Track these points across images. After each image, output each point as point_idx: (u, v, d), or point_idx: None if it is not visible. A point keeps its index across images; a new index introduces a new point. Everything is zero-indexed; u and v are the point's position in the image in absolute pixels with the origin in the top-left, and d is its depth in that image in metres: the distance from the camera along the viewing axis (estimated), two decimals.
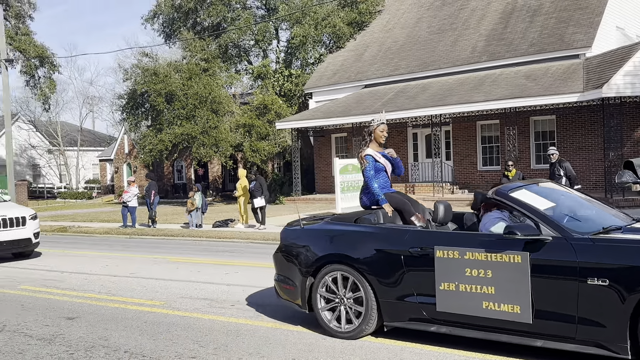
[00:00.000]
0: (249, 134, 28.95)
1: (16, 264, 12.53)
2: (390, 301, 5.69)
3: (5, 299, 8.89)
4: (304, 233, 6.45)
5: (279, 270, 6.71)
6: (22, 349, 6.15)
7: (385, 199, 6.69)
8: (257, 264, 11.46)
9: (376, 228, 6.02)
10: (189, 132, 28.42)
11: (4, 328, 7.02)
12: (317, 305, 6.17)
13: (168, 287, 9.33)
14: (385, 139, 6.99)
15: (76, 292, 9.17)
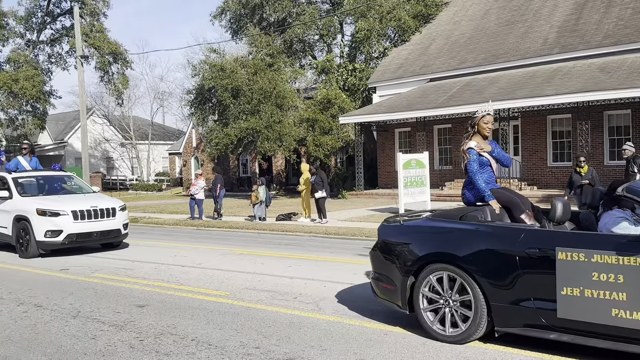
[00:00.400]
0: (312, 128, 29.09)
1: (90, 252, 13.13)
2: (502, 305, 5.30)
3: (80, 286, 9.35)
4: (404, 230, 6.13)
5: (377, 269, 6.37)
6: (95, 334, 6.45)
7: (492, 195, 6.32)
8: (319, 257, 11.53)
9: (486, 226, 5.62)
10: (254, 127, 28.85)
11: (78, 314, 7.39)
12: (419, 306, 5.85)
13: (233, 278, 9.54)
14: (490, 132, 6.56)
15: (146, 281, 9.51)
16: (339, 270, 10.01)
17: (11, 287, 9.41)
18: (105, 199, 13.51)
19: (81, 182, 14.84)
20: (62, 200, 12.92)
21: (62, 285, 9.39)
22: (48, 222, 12.30)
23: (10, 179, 13.55)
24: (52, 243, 12.32)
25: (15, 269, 11.29)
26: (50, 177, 14.36)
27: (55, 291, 8.93)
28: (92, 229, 12.59)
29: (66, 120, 56.21)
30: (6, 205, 13.10)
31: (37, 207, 12.42)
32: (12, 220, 12.77)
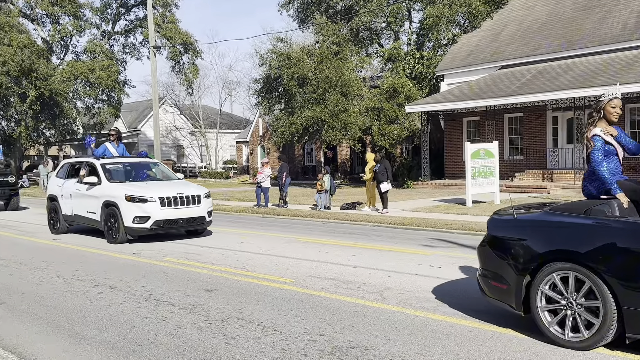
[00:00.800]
0: (377, 117, 28.90)
1: (162, 239, 13.59)
2: (637, 310, 4.81)
3: (153, 269, 9.69)
4: (519, 224, 5.63)
5: (486, 265, 5.87)
6: (166, 316, 6.68)
7: (618, 187, 5.78)
8: (384, 247, 11.48)
9: (618, 222, 5.07)
10: (319, 116, 28.94)
11: (150, 296, 7.67)
12: (536, 304, 5.40)
13: (297, 265, 9.64)
14: (618, 117, 6.00)
15: (214, 266, 9.74)
16: (403, 260, 9.93)
17: (88, 269, 9.87)
18: (191, 186, 13.43)
19: (166, 169, 14.82)
20: (149, 186, 12.99)
21: (135, 268, 9.76)
22: (136, 208, 12.35)
23: (98, 165, 13.69)
24: (139, 229, 12.40)
25: (91, 252, 11.83)
26: (137, 164, 14.44)
27: (128, 274, 9.29)
28: (178, 215, 12.57)
29: (139, 109, 58.24)
30: (95, 191, 13.30)
31: (125, 193, 12.50)
32: (101, 206, 12.94)
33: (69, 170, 14.92)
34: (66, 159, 14.65)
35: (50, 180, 15.48)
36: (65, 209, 14.33)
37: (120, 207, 12.48)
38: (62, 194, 14.50)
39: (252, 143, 46.60)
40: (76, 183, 14.02)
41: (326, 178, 19.38)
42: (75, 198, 13.96)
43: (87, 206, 13.53)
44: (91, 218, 13.41)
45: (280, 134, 30.88)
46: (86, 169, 13.93)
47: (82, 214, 13.72)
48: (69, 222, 14.44)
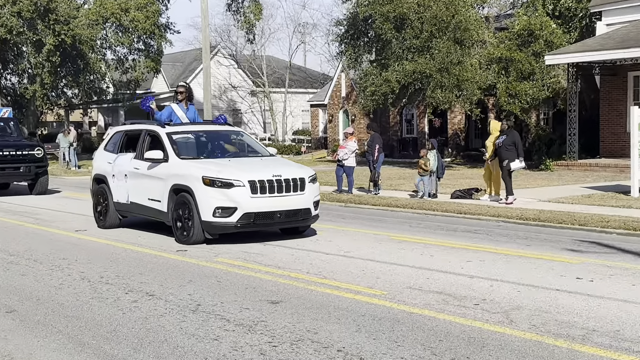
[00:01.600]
0: (505, 71, 28.31)
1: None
2: None
3: (201, 272, 9.97)
4: None
5: None
6: (219, 335, 6.86)
7: None
8: (511, 251, 11.32)
9: None
10: (423, 70, 28.66)
11: (198, 308, 7.90)
12: None
13: (391, 272, 9.64)
14: None
15: (281, 271, 9.92)
16: (539, 270, 9.76)
17: (119, 269, 10.28)
18: (290, 165, 13.25)
19: (253, 141, 14.64)
20: (235, 165, 12.59)
21: (179, 271, 10.07)
22: (218, 195, 11.91)
23: (164, 135, 13.35)
24: (223, 225, 11.99)
25: (124, 247, 12.32)
26: (214, 134, 14.15)
27: (171, 277, 9.60)
28: (275, 207, 12.14)
29: (185, 62, 59.75)
30: (159, 170, 12.97)
31: (203, 175, 12.06)
32: (169, 192, 12.61)
33: (123, 141, 14.70)
34: (117, 126, 14.54)
35: (97, 155, 15.44)
36: (118, 195, 14.18)
37: (196, 193, 12.05)
38: (113, 174, 14.32)
39: (332, 107, 46.82)
40: (133, 160, 13.80)
41: (431, 155, 19.21)
42: (131, 180, 13.77)
43: (148, 191, 13.31)
44: (154, 208, 13.17)
45: (369, 94, 30.82)
46: (146, 140, 13.70)
47: (142, 201, 13.53)
48: (123, 212, 14.34)
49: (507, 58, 28.14)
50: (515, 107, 27.87)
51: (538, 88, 27.98)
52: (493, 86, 29.22)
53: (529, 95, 27.76)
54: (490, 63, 29.19)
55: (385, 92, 29.92)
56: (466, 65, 28.65)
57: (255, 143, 14.68)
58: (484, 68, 29.43)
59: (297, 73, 61.45)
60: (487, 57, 29.30)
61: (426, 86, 29.54)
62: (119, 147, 14.69)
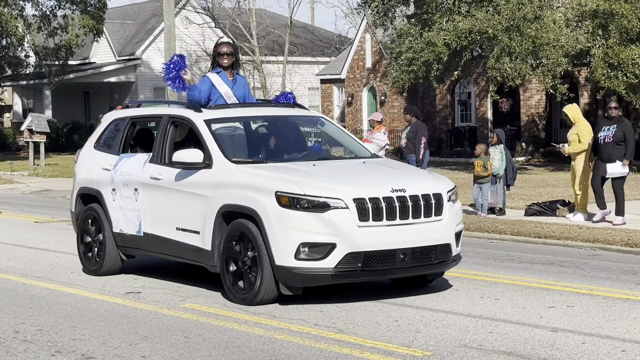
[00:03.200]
0: (602, 31, 28.25)
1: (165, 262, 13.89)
2: None
3: (162, 324, 9.96)
4: None
5: None
6: None
7: None
8: (612, 292, 11.36)
9: None
10: (484, 29, 28.66)
11: None
12: None
13: (437, 323, 9.66)
14: None
15: (276, 321, 9.96)
16: None
17: (42, 321, 10.21)
18: (415, 173, 12.33)
19: (341, 133, 13.55)
20: (325, 173, 11.48)
21: (129, 322, 10.03)
22: (305, 223, 10.59)
23: (202, 125, 12.07)
24: (312, 273, 10.62)
25: (49, 287, 12.27)
26: (280, 121, 13.13)
27: (117, 332, 9.55)
28: (397, 242, 10.84)
29: (139, 19, 59.84)
30: (197, 181, 11.73)
31: (278, 189, 10.71)
32: (215, 217, 11.28)
33: (127, 133, 13.46)
34: (116, 111, 13.87)
35: (82, 157, 14.20)
36: (122, 222, 12.86)
37: (265, 219, 10.67)
38: (113, 188, 13.01)
39: (352, 83, 46.79)
40: (149, 164, 12.49)
41: (496, 152, 19.14)
42: (146, 196, 12.46)
43: (176, 216, 12.04)
44: (187, 244, 11.82)
45: (405, 64, 30.87)
46: (170, 131, 12.51)
47: (165, 233, 12.19)
48: (130, 249, 13.06)
49: (607, 11, 28.08)
50: (619, 83, 27.78)
51: None
52: (586, 52, 29.14)
53: (638, 66, 27.63)
54: (582, 19, 29.12)
55: (428, 60, 29.93)
56: (547, 23, 28.59)
57: (345, 136, 13.52)
58: (572, 26, 29.36)
59: (301, 34, 61.37)
60: (578, 10, 29.22)
61: (488, 52, 29.51)
62: (122, 143, 13.42)
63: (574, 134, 18.13)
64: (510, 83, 30.67)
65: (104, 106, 55.61)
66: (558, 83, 29.69)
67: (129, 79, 55.82)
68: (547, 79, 29.62)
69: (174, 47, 28.06)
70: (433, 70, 30.74)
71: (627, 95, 28.62)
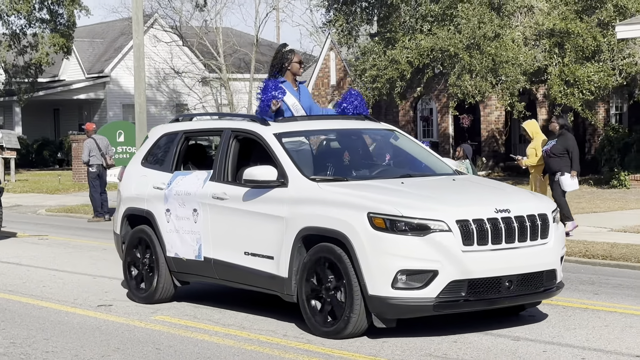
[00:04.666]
0: (559, 49, 28.43)
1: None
2: None
3: (133, 337, 9.90)
4: None
5: None
6: None
7: None
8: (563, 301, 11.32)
9: None
10: (445, 47, 28.74)
11: None
12: None
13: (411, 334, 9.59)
14: None
15: (246, 332, 9.88)
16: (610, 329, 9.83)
17: (15, 333, 10.13)
18: (512, 191, 11.25)
19: (418, 148, 12.42)
20: (419, 192, 10.40)
21: (101, 334, 9.99)
22: (403, 247, 9.53)
23: (272, 139, 10.97)
24: (411, 303, 9.52)
25: (21, 300, 12.17)
26: (352, 135, 12.01)
27: (90, 344, 9.50)
28: (502, 268, 9.81)
29: (108, 38, 59.53)
30: (270, 201, 10.65)
31: (371, 210, 9.65)
32: (293, 241, 10.22)
33: (181, 149, 12.32)
34: (165, 126, 13.06)
35: (128, 174, 13.03)
36: (178, 245, 11.70)
37: (356, 243, 9.58)
38: (167, 208, 11.85)
39: (317, 99, 46.77)
40: (210, 182, 11.44)
41: (462, 167, 19.18)
42: (208, 218, 11.36)
43: (244, 239, 10.95)
44: (258, 270, 10.69)
45: (369, 81, 30.85)
46: (233, 146, 11.47)
47: (231, 258, 11.08)
48: (187, 275, 11.91)
49: (563, 30, 28.26)
50: (575, 99, 27.91)
51: (606, 72, 28.04)
52: (544, 70, 29.31)
53: (593, 83, 27.80)
54: (540, 38, 29.29)
55: (391, 77, 29.96)
56: (506, 41, 28.72)
57: (423, 150, 12.32)
58: (530, 45, 29.53)
59: (267, 52, 61.15)
60: (535, 29, 29.39)
61: (450, 70, 29.59)
62: (175, 159, 12.25)
63: (532, 148, 18.24)
64: (470, 100, 30.76)
65: (73, 123, 55.40)
66: (516, 101, 29.77)
67: (98, 96, 55.49)
68: (506, 96, 29.71)
69: (143, 65, 27.95)
70: (396, 87, 30.81)
71: (582, 111, 28.78)
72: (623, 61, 28.38)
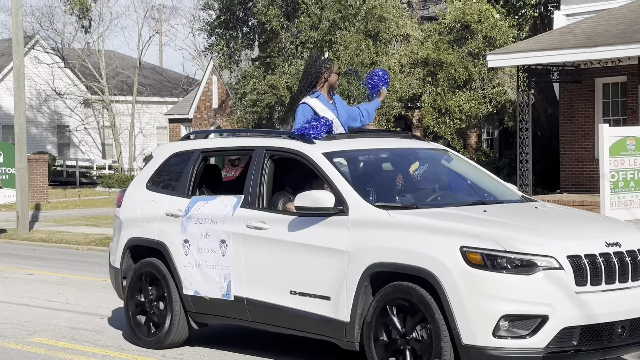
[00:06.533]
0: (433, 78, 28.71)
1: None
2: None
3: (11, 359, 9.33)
4: None
5: None
6: None
7: None
8: None
9: None
10: None
11: None
12: None
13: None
14: None
15: (124, 354, 9.69)
16: None
17: None
18: (606, 221, 10.21)
19: (477, 171, 11.02)
20: (512, 221, 9.01)
21: None
22: (505, 288, 8.18)
23: (323, 160, 9.45)
24: (516, 354, 8.21)
25: None
26: (407, 154, 10.52)
27: None
28: (616, 311, 8.53)
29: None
30: (325, 230, 9.13)
31: (464, 244, 8.26)
32: (358, 280, 8.71)
33: (197, 170, 10.73)
34: (173, 145, 11.55)
35: (131, 197, 11.30)
36: (197, 281, 10.14)
37: (444, 283, 8.20)
38: (186, 239, 10.24)
39: (200, 123, 46.51)
40: (241, 209, 9.84)
41: None
42: (241, 251, 9.78)
43: (290, 277, 9.40)
44: (308, 312, 9.15)
45: (249, 105, 30.69)
46: (267, 167, 9.91)
47: (272, 298, 9.51)
48: (209, 315, 10.33)
49: (435, 60, 28.62)
50: (446, 128, 28.16)
51: (477, 101, 28.39)
52: (417, 97, 29.55)
53: (464, 112, 28.09)
54: (414, 66, 29.58)
55: (270, 102, 29.86)
56: (382, 68, 28.86)
57: (482, 173, 10.86)
58: (405, 72, 29.74)
59: (150, 75, 60.87)
60: (410, 57, 29.67)
61: None
62: (191, 182, 10.64)
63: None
64: None
65: None
66: (392, 126, 29.92)
67: None
68: (382, 122, 29.85)
69: (23, 86, 27.31)
70: (276, 112, 30.72)
71: (452, 140, 29.06)
72: (493, 90, 28.84)
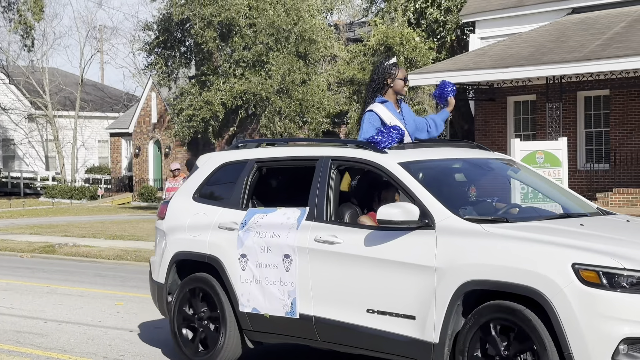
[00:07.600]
0: (358, 96, 28.98)
1: None
2: None
3: None
4: None
5: None
6: None
7: None
8: None
9: None
10: (257, 91, 29.05)
11: None
12: None
13: None
14: None
15: (67, 355, 9.62)
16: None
17: None
18: None
19: (547, 183, 10.12)
20: (613, 235, 8.01)
21: None
22: (628, 308, 7.10)
23: (400, 170, 8.43)
24: None
25: None
26: (482, 165, 9.62)
27: None
28: None
29: None
30: (408, 245, 8.08)
31: (577, 260, 7.15)
32: (449, 299, 7.64)
33: (251, 181, 9.60)
34: (222, 154, 10.34)
35: (175, 209, 10.16)
36: (257, 298, 9.09)
37: (555, 304, 7.10)
38: (243, 254, 9.20)
39: (139, 137, 46.33)
40: (307, 222, 8.79)
41: None
42: (307, 265, 8.71)
43: (368, 293, 8.32)
44: (389, 332, 8.06)
45: (185, 120, 30.85)
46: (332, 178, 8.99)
47: (344, 316, 8.42)
48: (268, 333, 9.22)
49: (361, 79, 28.70)
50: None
51: None
52: (345, 113, 29.90)
53: None
54: (341, 84, 29.88)
55: (205, 117, 30.05)
56: (312, 87, 29.17)
57: (554, 185, 9.94)
58: (334, 90, 30.07)
59: (91, 92, 60.50)
60: (337, 76, 30.01)
61: (261, 112, 29.87)
62: (245, 194, 9.54)
63: None
64: None
65: None
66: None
67: None
68: (312, 137, 30.21)
69: None
70: (211, 126, 30.93)
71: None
72: (414, 108, 28.89)
